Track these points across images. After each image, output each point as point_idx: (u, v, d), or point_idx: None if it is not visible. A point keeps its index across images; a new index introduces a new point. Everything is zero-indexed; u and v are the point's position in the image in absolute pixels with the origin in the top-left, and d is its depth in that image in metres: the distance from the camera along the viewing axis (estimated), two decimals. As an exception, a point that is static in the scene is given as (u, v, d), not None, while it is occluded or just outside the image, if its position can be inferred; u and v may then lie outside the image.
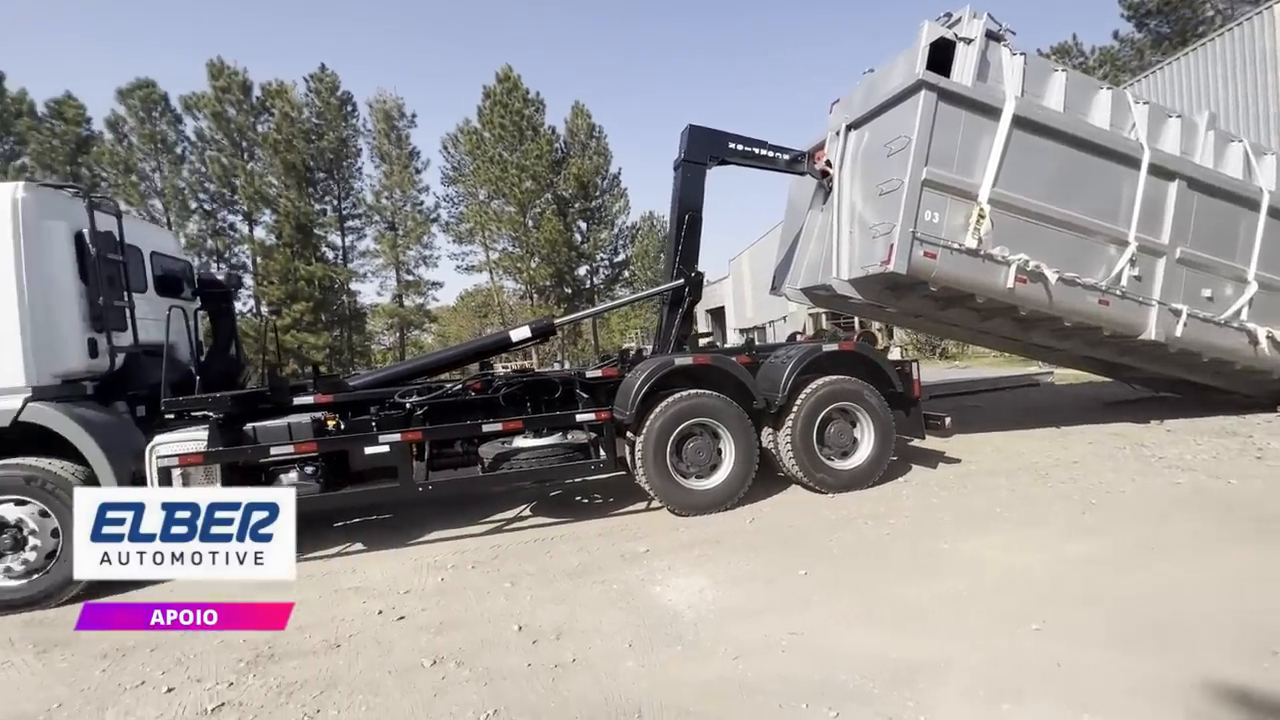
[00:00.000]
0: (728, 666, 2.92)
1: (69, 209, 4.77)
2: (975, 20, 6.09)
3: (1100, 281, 6.47)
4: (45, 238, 4.53)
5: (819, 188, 7.43)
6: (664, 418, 5.37)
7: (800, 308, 27.44)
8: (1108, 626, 3.01)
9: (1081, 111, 6.54)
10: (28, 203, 4.46)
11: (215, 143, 30.52)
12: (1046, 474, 5.91)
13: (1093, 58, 32.60)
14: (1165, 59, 18.14)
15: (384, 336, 37.43)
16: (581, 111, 35.61)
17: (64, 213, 4.71)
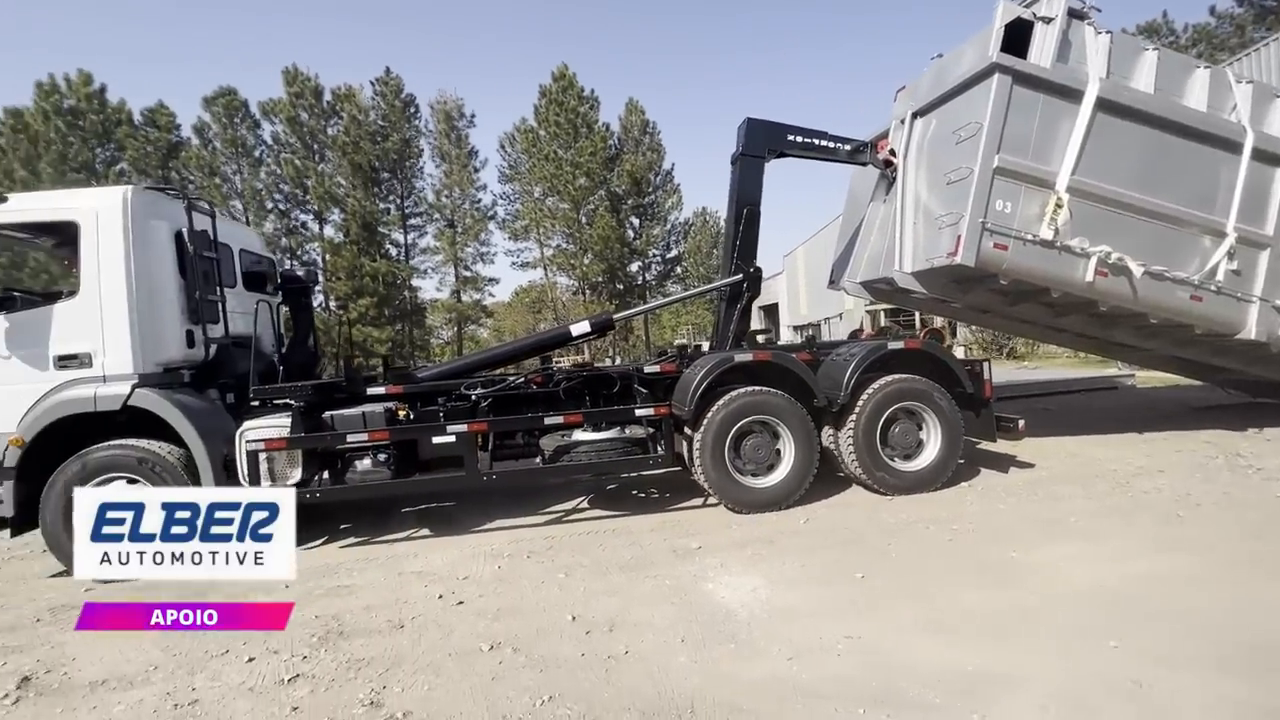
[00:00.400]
0: (781, 667, 2.88)
1: (170, 210, 5.21)
2: None
3: (1192, 276, 6.02)
4: (150, 236, 4.95)
5: (881, 179, 7.20)
6: (723, 414, 5.34)
7: (857, 304, 26.71)
8: (1195, 647, 2.80)
9: (1175, 93, 6.08)
10: (135, 204, 4.88)
11: (289, 146, 32.20)
12: (1127, 483, 5.55)
13: (1185, 36, 30.23)
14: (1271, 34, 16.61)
15: (442, 331, 38.67)
16: (635, 108, 35.67)
17: (165, 213, 5.14)
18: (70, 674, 3.22)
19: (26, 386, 4.71)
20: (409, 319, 34.67)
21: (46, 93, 27.46)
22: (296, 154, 32.01)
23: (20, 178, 24.84)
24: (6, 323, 4.78)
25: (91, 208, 4.83)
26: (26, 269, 18.96)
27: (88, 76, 28.48)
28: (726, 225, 7.04)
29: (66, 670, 3.26)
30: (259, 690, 2.96)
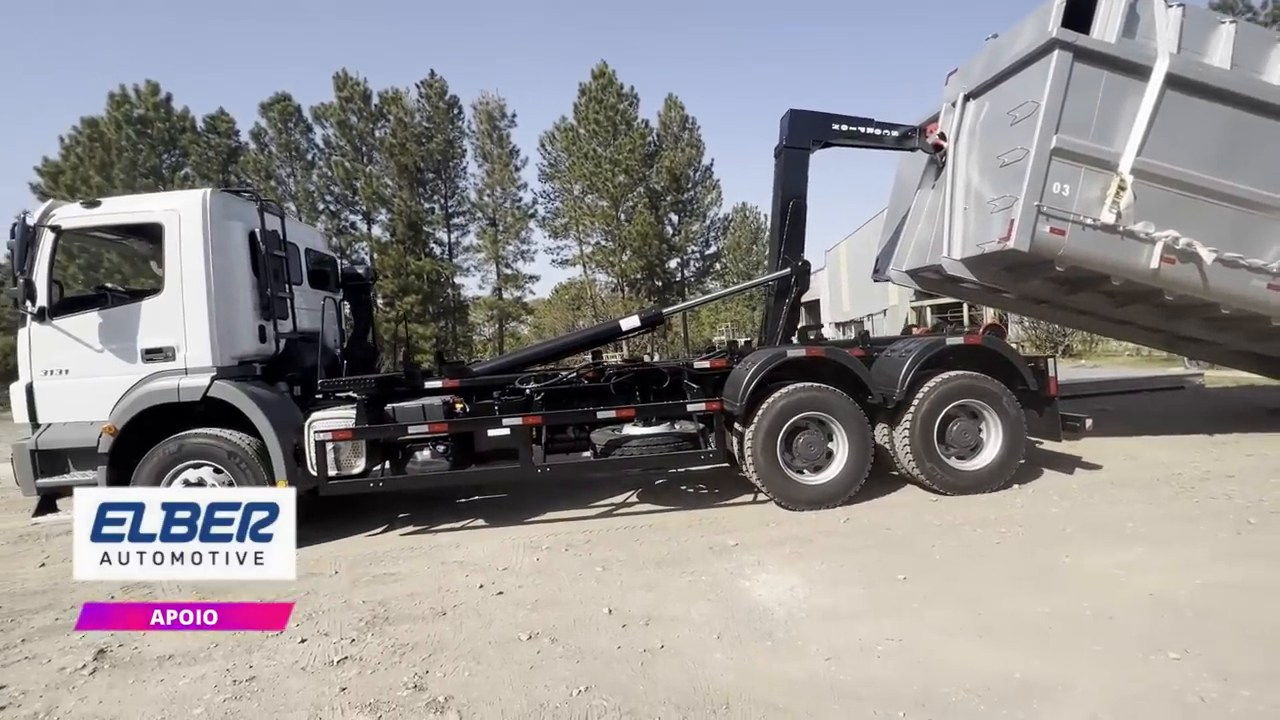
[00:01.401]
0: (819, 667, 2.85)
1: (244, 211, 5.50)
2: None
3: (1270, 263, 5.67)
4: (227, 236, 5.23)
5: (930, 164, 7.00)
6: (775, 410, 5.31)
7: (902, 300, 26.03)
8: (1266, 662, 2.64)
9: (1255, 69, 5.72)
10: (213, 205, 5.17)
11: (340, 149, 33.32)
12: (1193, 487, 5.26)
13: (1264, 13, 28.26)
14: (1362, 7, 15.35)
15: (484, 328, 39.42)
16: (675, 104, 35.52)
17: (240, 214, 5.43)
18: (140, 649, 3.43)
19: (118, 378, 5.03)
20: (452, 316, 35.49)
21: (118, 103, 29.13)
22: (346, 156, 33.11)
23: (95, 183, 26.43)
24: (100, 319, 5.10)
25: (174, 209, 5.13)
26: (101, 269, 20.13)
27: (155, 86, 30.09)
28: (772, 219, 6.96)
29: (138, 645, 3.47)
30: (310, 670, 3.10)
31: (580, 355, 7.24)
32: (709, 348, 10.42)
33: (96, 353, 5.05)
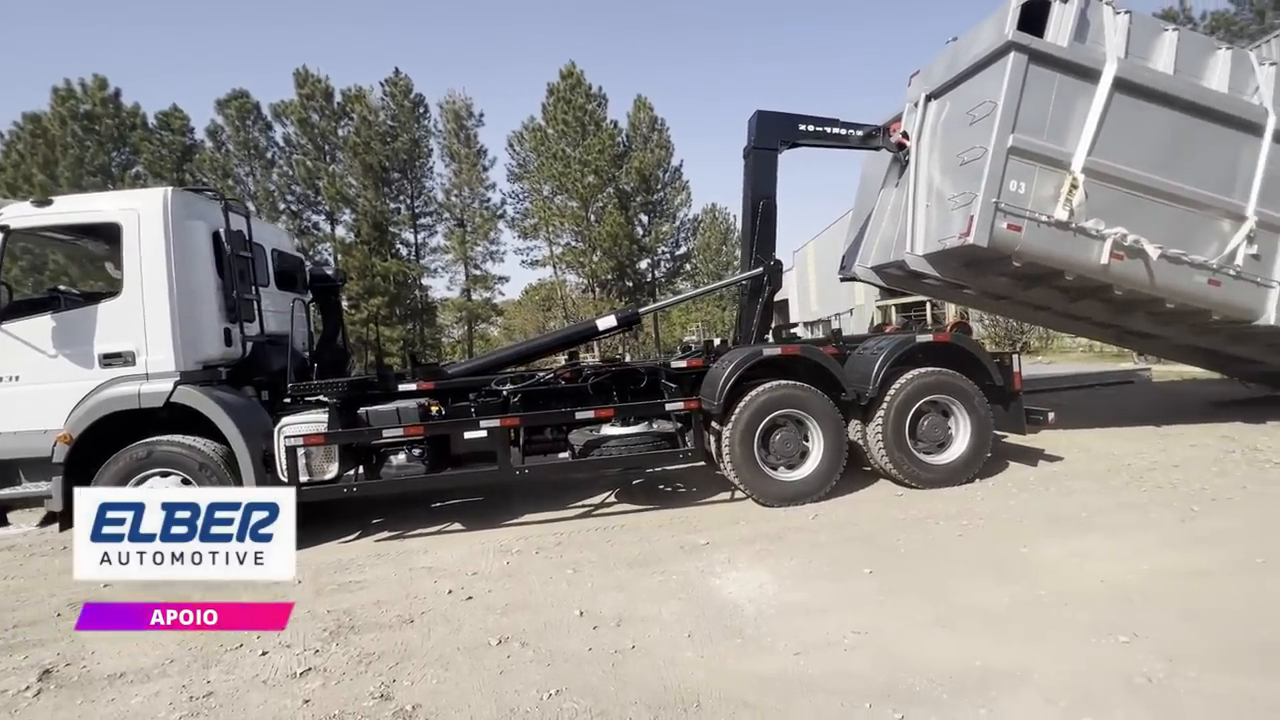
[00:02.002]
0: (788, 662, 2.88)
1: (207, 210, 5.34)
2: None
3: (1211, 260, 5.94)
4: (189, 236, 5.06)
5: (894, 163, 7.16)
6: (752, 408, 5.37)
7: (868, 299, 26.57)
8: (1208, 643, 2.77)
9: (1195, 74, 6.00)
10: (175, 205, 5.00)
11: (301, 147, 32.49)
12: (1141, 477, 5.49)
13: (1203, 24, 29.68)
14: (1291, 20, 16.24)
15: (453, 329, 38.91)
16: (644, 105, 35.61)
17: (203, 213, 5.27)
18: (89, 667, 3.29)
19: (73, 384, 4.83)
20: (420, 318, 34.93)
21: (63, 98, 27.88)
22: (308, 155, 32.30)
23: (39, 181, 25.26)
24: (54, 322, 4.89)
25: (133, 209, 4.94)
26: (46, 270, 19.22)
27: (103, 81, 28.90)
28: (743, 219, 7.03)
29: (86, 664, 3.33)
30: (272, 683, 3.01)
31: (554, 356, 7.22)
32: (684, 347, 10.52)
33: (50, 358, 4.84)
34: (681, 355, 6.78)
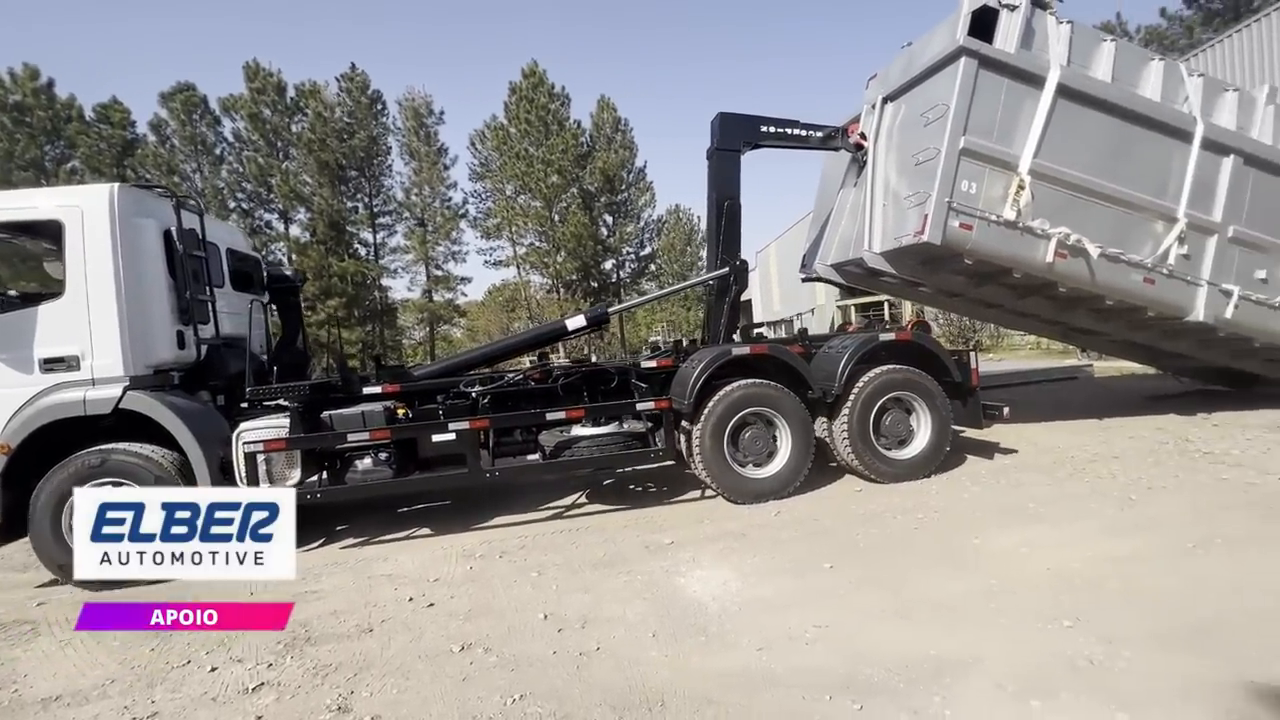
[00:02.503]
0: (751, 658, 2.92)
1: (157, 208, 5.10)
2: None
3: (1146, 259, 6.24)
4: (138, 235, 4.83)
5: (852, 163, 7.33)
6: (722, 406, 5.42)
7: (829, 299, 27.10)
8: (1145, 625, 2.92)
9: (1131, 83, 6.30)
10: (122, 202, 4.75)
11: (252, 143, 31.40)
12: (1084, 468, 5.74)
13: (1138, 37, 31.27)
14: (1217, 35, 17.27)
15: (414, 331, 38.15)
16: (607, 105, 35.61)
17: (153, 211, 5.03)
18: (21, 691, 3.11)
19: (11, 390, 4.57)
20: (379, 319, 34.15)
21: (-10, 88, 26.31)
22: (260, 151, 31.25)
23: (-37, 177, 23.77)
24: None
25: (75, 206, 4.68)
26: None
27: (34, 71, 27.36)
28: (708, 220, 7.09)
29: (18, 687, 3.15)
30: (222, 700, 2.90)
31: (518, 358, 7.15)
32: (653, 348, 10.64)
33: None
34: (651, 355, 6.82)
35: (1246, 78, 13.75)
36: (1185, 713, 2.29)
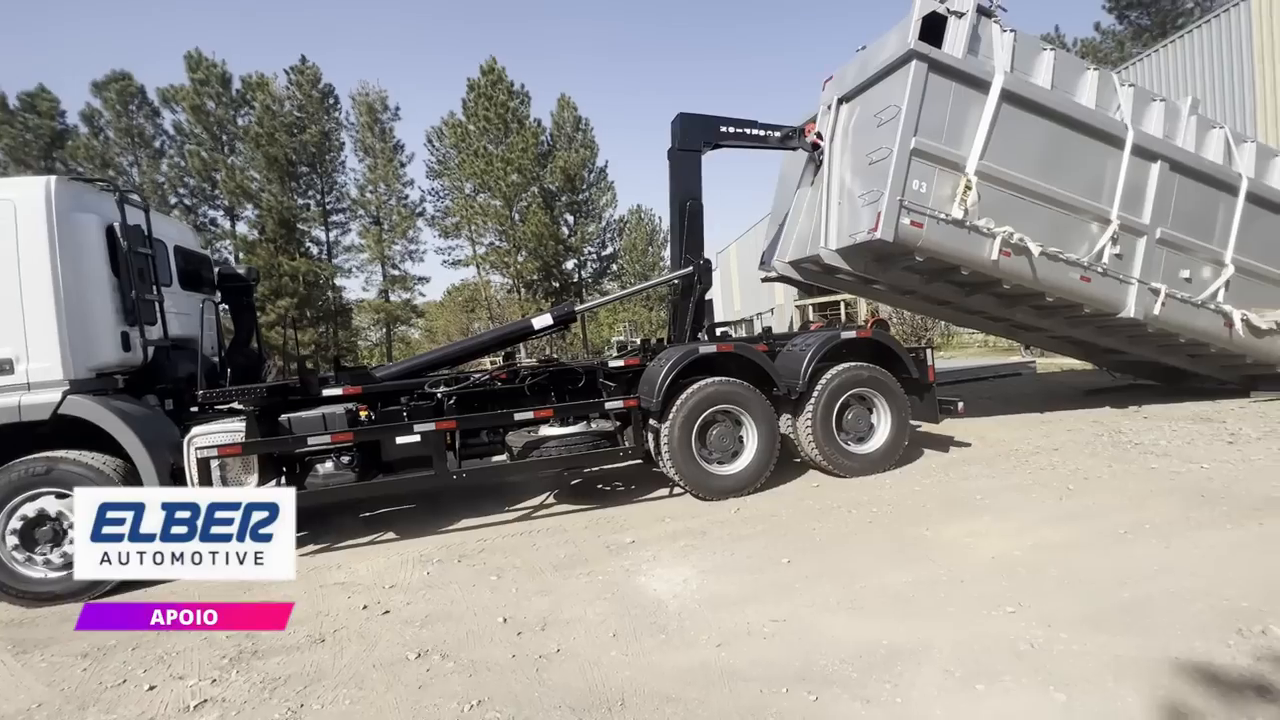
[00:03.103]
0: (710, 654, 2.95)
1: (99, 203, 4.83)
2: None
3: (1082, 258, 6.57)
4: (78, 231, 4.55)
5: (809, 163, 7.49)
6: (689, 405, 5.47)
7: (787, 299, 27.60)
8: (1080, 608, 3.07)
9: (1069, 90, 6.62)
10: (60, 196, 4.47)
11: (195, 136, 30.04)
12: (1026, 461, 6.00)
13: (1074, 50, 32.84)
14: (1145, 50, 18.29)
15: (370, 332, 37.18)
16: (567, 104, 35.41)
17: (94, 206, 4.76)
18: (-64, 720, 2.90)
19: None
20: (333, 320, 33.15)
21: (-101, 72, 24.46)
22: (203, 145, 29.92)
23: None
24: None
25: (7, 200, 4.38)
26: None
27: (-49, 55, 25.51)
28: (670, 220, 7.14)
29: (-69, 716, 2.94)
30: (161, 719, 2.77)
31: (484, 358, 7.04)
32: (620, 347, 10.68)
33: None
34: (618, 354, 6.82)
35: (1171, 90, 14.62)
36: (1116, 690, 2.42)
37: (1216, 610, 2.93)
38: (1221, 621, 2.82)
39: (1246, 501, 4.36)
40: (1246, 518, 4.07)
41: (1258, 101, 14.23)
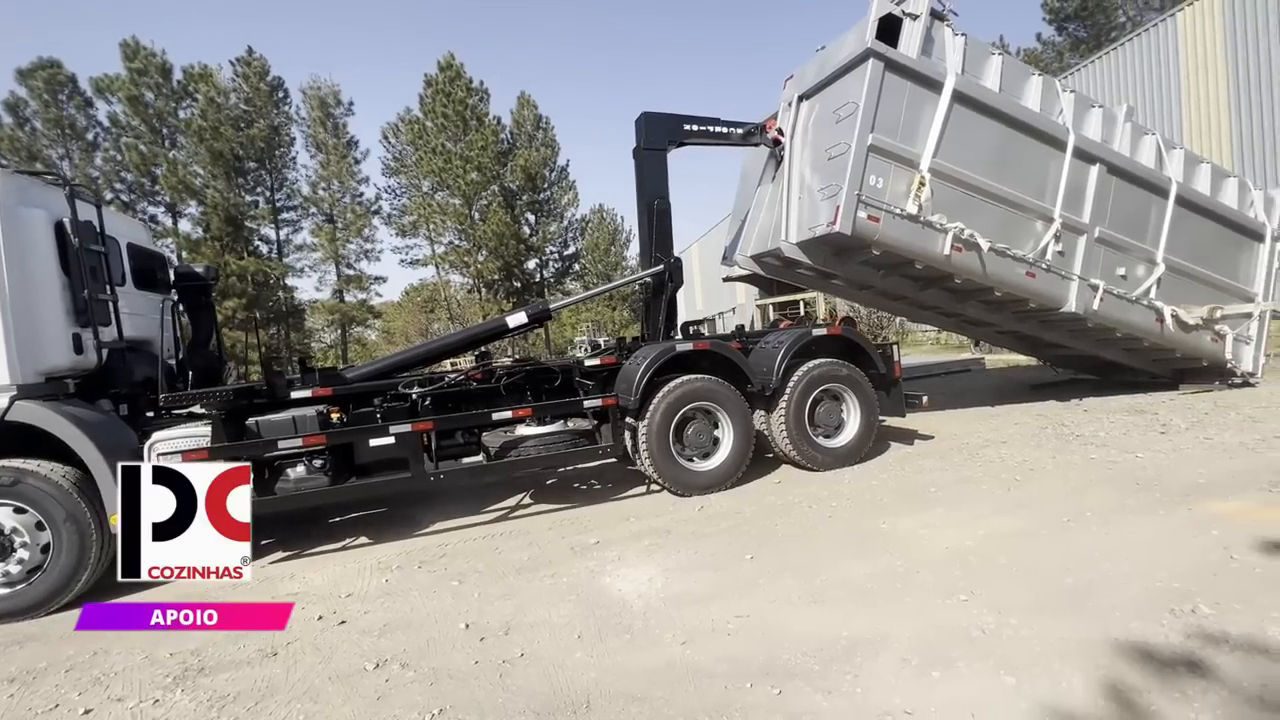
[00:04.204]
0: (675, 652, 2.96)
1: (47, 198, 4.54)
2: None
3: (1028, 254, 6.86)
4: (25, 227, 4.26)
5: (770, 159, 7.61)
6: (667, 402, 5.51)
7: (749, 298, 27.94)
8: (1028, 594, 3.20)
9: (1015, 94, 6.90)
10: (4, 190, 4.19)
11: (132, 129, 28.54)
12: (977, 453, 6.23)
13: (1019, 58, 34.29)
14: (1083, 61, 19.21)
15: (324, 334, 36.04)
16: (528, 102, 35.06)
17: (41, 201, 4.47)
18: None
19: None
20: (285, 322, 31.99)
21: None
22: (141, 138, 28.45)
23: None
24: None
25: None
26: None
27: None
28: (639, 219, 7.17)
29: None
30: (98, 745, 2.62)
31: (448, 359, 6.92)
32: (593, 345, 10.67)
33: None
34: (593, 353, 6.82)
35: (1107, 98, 15.39)
36: (1062, 671, 2.53)
37: (1151, 592, 3.10)
38: (1155, 602, 2.99)
39: (1176, 488, 4.62)
40: (1177, 504, 4.31)
41: (1184, 111, 15.13)
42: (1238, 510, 4.08)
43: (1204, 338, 7.86)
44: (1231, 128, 13.98)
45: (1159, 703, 2.30)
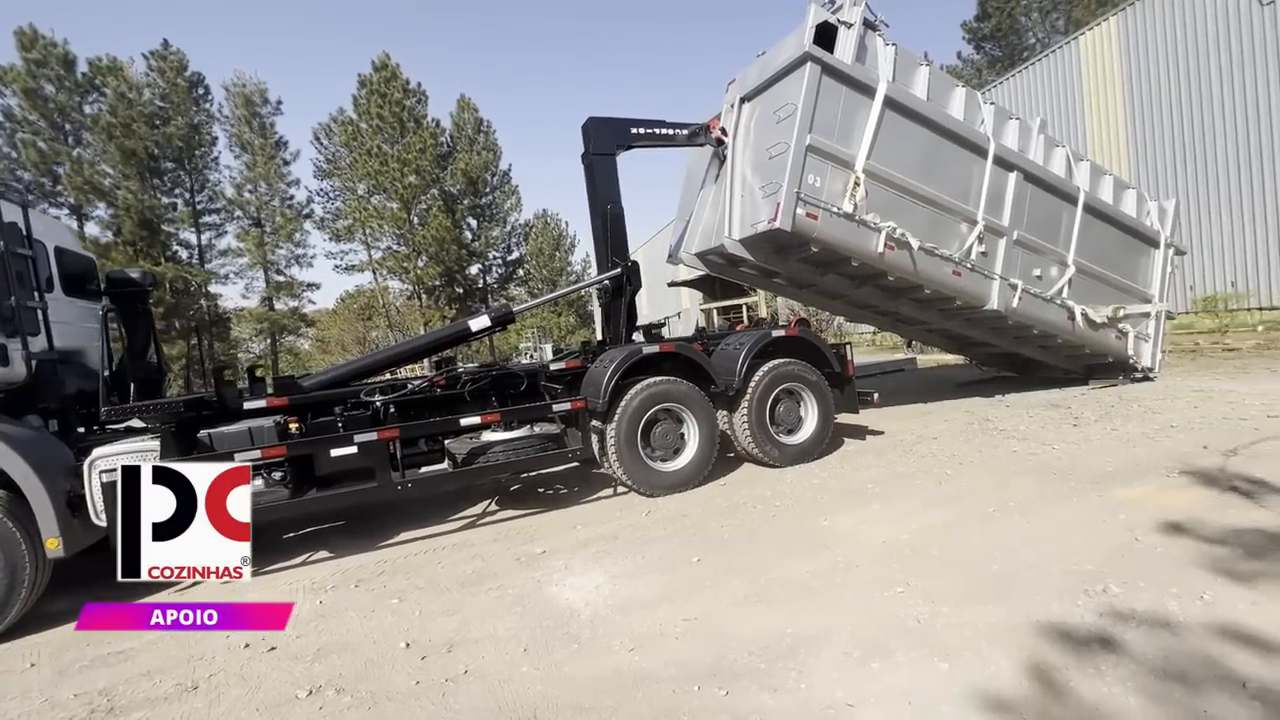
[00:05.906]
0: (623, 659, 2.94)
1: None
2: (855, 7, 6.68)
3: (954, 254, 7.24)
4: None
5: (713, 159, 7.76)
6: (635, 404, 5.54)
7: (693, 303, 28.33)
8: (959, 583, 3.36)
9: (942, 103, 7.31)
10: None
11: (30, 124, 26.33)
12: (910, 449, 6.50)
13: (944, 72, 36.29)
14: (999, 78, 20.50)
15: (252, 344, 34.20)
16: (468, 105, 34.46)
17: None
18: None
19: None
20: (208, 331, 30.18)
21: None
22: (40, 134, 26.30)
23: None
24: None
25: None
26: None
27: None
28: (592, 225, 7.19)
29: None
30: (-12, 801, 2.38)
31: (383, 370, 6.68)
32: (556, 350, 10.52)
33: None
34: (560, 356, 6.81)
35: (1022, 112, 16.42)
36: (990, 654, 2.66)
37: (1068, 575, 3.30)
38: (1072, 585, 3.19)
39: (1088, 477, 4.96)
40: (1089, 491, 4.63)
41: (1087, 126, 16.37)
42: (1141, 495, 4.42)
43: (1110, 335, 8.50)
44: (1128, 142, 15.23)
45: (1076, 678, 2.45)
